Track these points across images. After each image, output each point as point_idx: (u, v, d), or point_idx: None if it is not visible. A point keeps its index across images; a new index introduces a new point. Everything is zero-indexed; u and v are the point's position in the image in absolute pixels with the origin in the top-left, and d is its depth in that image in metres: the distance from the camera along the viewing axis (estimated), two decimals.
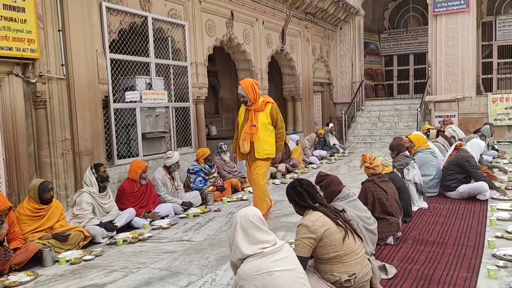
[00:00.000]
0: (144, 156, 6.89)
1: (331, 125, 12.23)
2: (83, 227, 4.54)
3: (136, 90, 6.82)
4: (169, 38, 7.53)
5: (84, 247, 4.44)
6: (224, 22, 9.12)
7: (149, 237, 4.70)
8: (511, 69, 15.58)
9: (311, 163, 9.83)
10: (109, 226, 4.70)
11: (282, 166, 8.59)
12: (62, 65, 5.64)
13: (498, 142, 11.64)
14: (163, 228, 5.01)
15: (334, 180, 3.82)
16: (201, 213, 5.68)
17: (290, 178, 8.17)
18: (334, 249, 2.88)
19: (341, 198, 3.74)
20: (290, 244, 3.97)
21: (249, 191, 6.91)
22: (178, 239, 4.62)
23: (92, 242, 4.57)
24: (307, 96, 13.21)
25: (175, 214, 5.62)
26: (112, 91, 6.46)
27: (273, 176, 8.16)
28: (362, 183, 4.38)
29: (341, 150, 11.60)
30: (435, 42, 12.92)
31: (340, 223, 2.97)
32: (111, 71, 6.40)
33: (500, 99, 12.41)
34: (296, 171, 8.81)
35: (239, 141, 5.06)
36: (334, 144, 11.73)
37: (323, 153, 10.61)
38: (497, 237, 4.14)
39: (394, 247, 4.06)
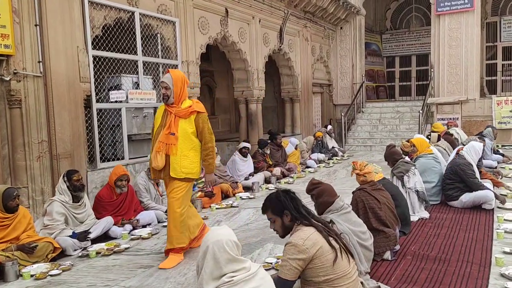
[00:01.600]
0: (130, 159, 6.53)
1: (329, 127, 11.85)
2: (53, 239, 4.17)
3: (122, 90, 6.46)
4: (159, 35, 7.16)
5: (54, 259, 4.07)
6: (218, 20, 8.76)
7: (126, 248, 4.32)
8: None
9: (308, 167, 9.44)
10: (82, 236, 4.33)
11: (277, 170, 8.23)
12: (39, 62, 5.28)
13: (502, 146, 11.25)
14: (143, 238, 4.64)
15: (327, 189, 3.45)
16: None
17: (285, 182, 7.80)
18: (325, 271, 2.50)
19: (333, 210, 3.37)
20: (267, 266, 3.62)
21: (240, 197, 6.55)
22: (156, 251, 4.25)
23: (63, 254, 4.20)
24: (306, 97, 12.83)
25: (158, 222, 5.25)
26: (95, 90, 6.10)
27: (267, 181, 7.80)
28: (353, 192, 4.00)
29: (340, 153, 11.20)
30: (438, 43, 12.54)
31: (333, 242, 2.59)
32: (94, 69, 6.04)
33: (505, 101, 12.00)
34: (292, 175, 8.43)
35: (152, 153, 3.96)
36: (333, 147, 11.34)
37: (321, 156, 10.23)
38: (505, 253, 3.76)
39: (392, 264, 3.68)
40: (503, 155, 9.12)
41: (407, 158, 5.49)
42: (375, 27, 17.76)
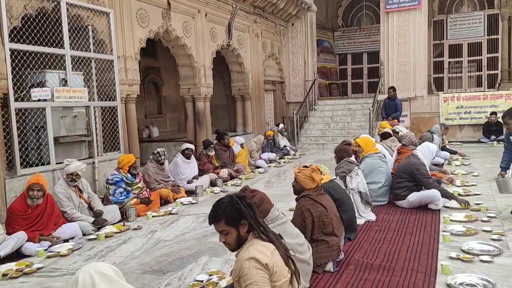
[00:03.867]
0: (57, 163, 5.92)
1: (281, 125, 11.57)
2: None
3: (47, 87, 5.84)
4: (90, 27, 6.56)
5: None
6: (160, 12, 8.22)
7: (39, 268, 3.77)
8: (462, 68, 15.61)
9: (258, 167, 9.11)
10: None
11: (224, 172, 7.82)
12: None
13: (449, 142, 11.42)
14: (61, 255, 4.10)
15: (265, 197, 3.10)
16: (116, 232, 4.80)
17: (232, 185, 7.41)
18: None
19: (269, 220, 3.01)
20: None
21: (181, 203, 6.11)
22: (74, 271, 3.73)
23: None
24: (257, 95, 12.51)
25: (84, 235, 4.70)
26: (14, 88, 5.46)
27: (213, 184, 7.38)
28: (297, 200, 3.67)
29: (292, 152, 10.98)
30: (387, 40, 12.60)
31: (290, 263, 2.22)
32: (12, 64, 5.38)
33: (452, 98, 12.25)
34: (241, 176, 8.06)
35: None
36: (284, 146, 11.08)
37: (272, 155, 9.92)
38: (451, 258, 3.56)
39: (334, 276, 3.39)
40: (455, 152, 9.18)
41: (352, 158, 5.25)
42: (327, 24, 17.73)
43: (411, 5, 12.17)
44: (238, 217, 2.18)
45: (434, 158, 6.33)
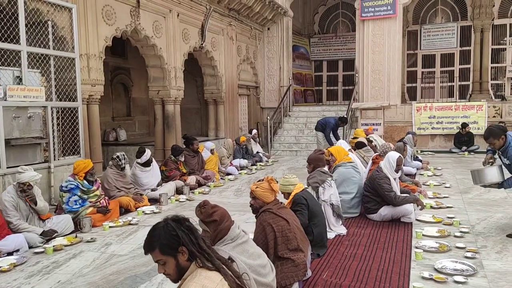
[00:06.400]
0: (8, 168, 5.47)
1: (254, 131, 11.31)
2: None
3: None
4: (50, 22, 6.14)
5: None
6: (128, 10, 7.85)
7: None
8: (434, 78, 15.78)
9: (228, 174, 8.81)
10: None
11: (192, 179, 7.47)
12: None
13: (421, 151, 11.44)
14: (2, 271, 3.69)
15: (225, 213, 2.81)
16: (66, 245, 4.40)
17: (200, 193, 7.07)
18: None
19: (229, 239, 2.72)
20: None
21: (143, 212, 5.74)
22: None
23: None
24: (231, 99, 12.23)
25: (30, 247, 4.29)
26: None
27: (179, 192, 7.02)
28: (257, 217, 3.40)
29: (264, 159, 10.72)
30: (362, 48, 12.56)
31: None
32: None
33: (424, 107, 12.29)
34: (209, 184, 7.73)
35: None
36: (257, 152, 10.82)
37: (243, 162, 9.64)
38: (423, 278, 3.36)
39: None
40: (421, 161, 9.14)
41: (325, 169, 5.03)
42: (303, 30, 17.66)
43: (386, 14, 12.17)
44: (175, 244, 1.89)
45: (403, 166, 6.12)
